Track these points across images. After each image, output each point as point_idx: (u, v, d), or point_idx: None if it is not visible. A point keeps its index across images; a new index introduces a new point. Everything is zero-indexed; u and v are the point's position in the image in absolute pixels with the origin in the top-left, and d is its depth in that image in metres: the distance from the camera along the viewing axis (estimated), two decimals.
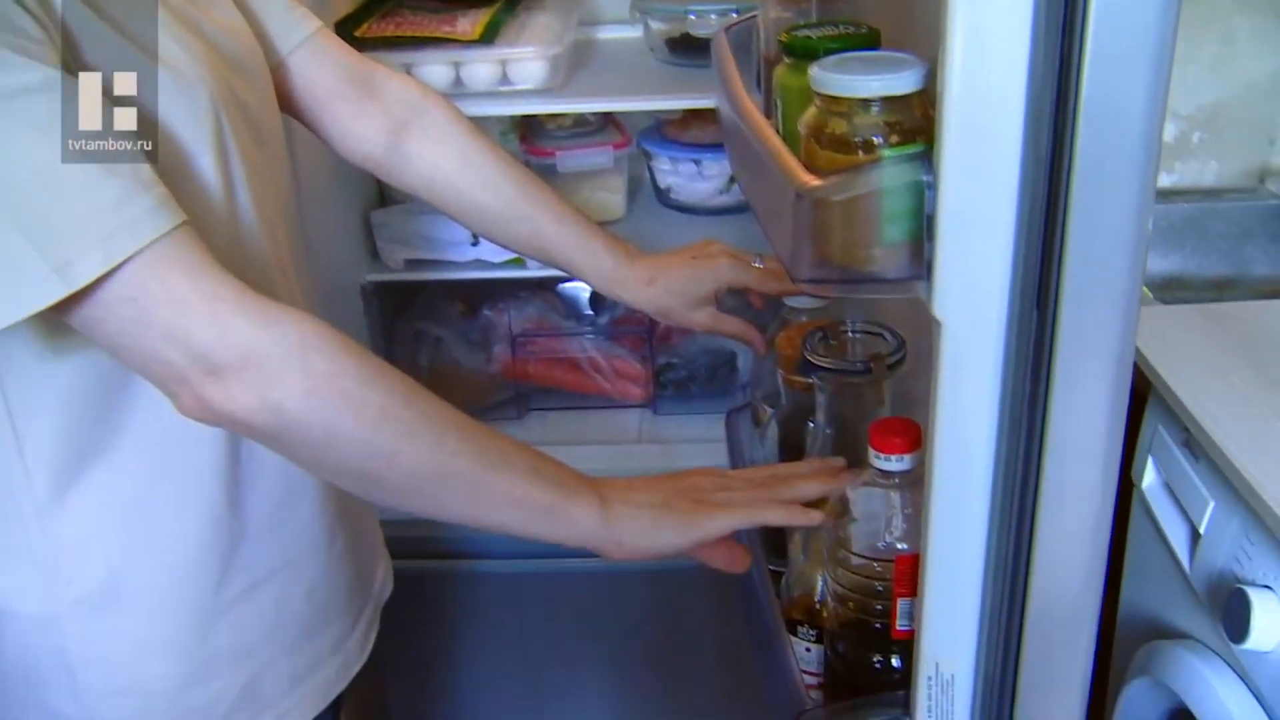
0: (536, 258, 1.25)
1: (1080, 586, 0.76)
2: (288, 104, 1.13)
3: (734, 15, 1.75)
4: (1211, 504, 1.16)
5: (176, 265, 0.78)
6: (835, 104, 0.71)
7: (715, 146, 1.89)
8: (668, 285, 1.22)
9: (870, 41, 0.79)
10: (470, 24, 1.72)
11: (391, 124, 1.18)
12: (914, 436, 0.84)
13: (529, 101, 1.74)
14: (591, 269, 1.22)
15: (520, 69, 1.70)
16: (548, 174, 1.95)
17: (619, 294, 1.23)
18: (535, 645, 1.93)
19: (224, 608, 1.00)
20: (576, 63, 1.84)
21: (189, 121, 0.88)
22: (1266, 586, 1.04)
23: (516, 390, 1.92)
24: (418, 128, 1.19)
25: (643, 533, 0.89)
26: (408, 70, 1.71)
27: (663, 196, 2.00)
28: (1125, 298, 0.67)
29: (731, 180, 1.92)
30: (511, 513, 0.87)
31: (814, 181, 0.70)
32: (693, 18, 1.79)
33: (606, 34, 2.01)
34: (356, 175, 1.88)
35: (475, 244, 1.80)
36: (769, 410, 1.15)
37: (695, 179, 1.93)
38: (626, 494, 0.90)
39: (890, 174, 0.68)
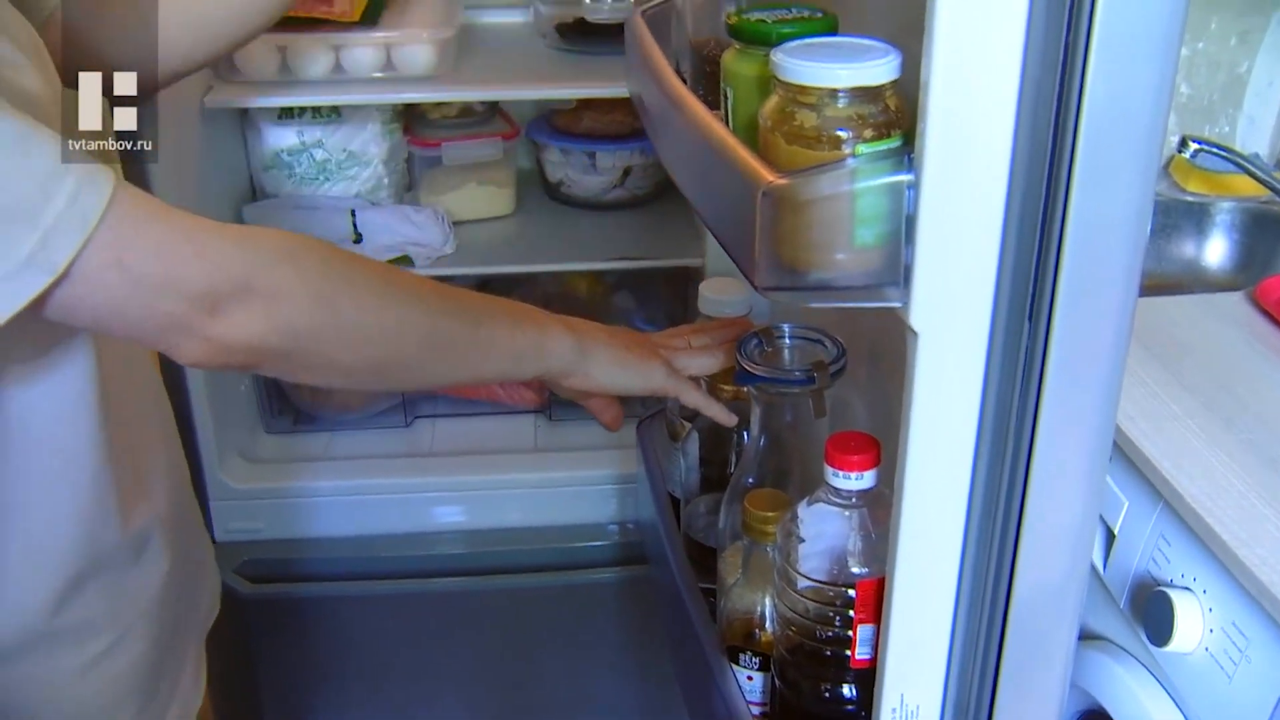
0: None
1: (1060, 611, 0.72)
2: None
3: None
4: (1126, 503, 1.14)
5: (142, 212, 0.72)
6: (802, 94, 0.65)
7: (609, 138, 1.83)
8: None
9: (828, 26, 0.73)
10: (349, 3, 1.61)
11: None
12: (874, 452, 0.78)
13: (415, 89, 1.66)
14: None
15: (406, 54, 1.61)
16: (433, 166, 1.87)
17: None
18: (402, 668, 1.83)
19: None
20: (463, 48, 1.75)
21: None
22: (1186, 588, 1.03)
23: (403, 396, 1.83)
24: None
25: (609, 366, 0.95)
26: (281, 52, 1.61)
27: (553, 190, 1.93)
28: (1122, 307, 0.62)
29: (625, 174, 1.86)
30: (503, 360, 0.91)
31: (779, 180, 0.63)
32: (587, 2, 1.72)
33: (491, 18, 1.93)
34: (225, 167, 1.76)
35: (358, 241, 1.71)
36: (687, 425, 1.08)
37: (588, 172, 1.87)
38: (597, 330, 0.97)
39: (865, 171, 0.63)
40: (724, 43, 0.82)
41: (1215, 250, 1.81)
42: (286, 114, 1.75)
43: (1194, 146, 1.58)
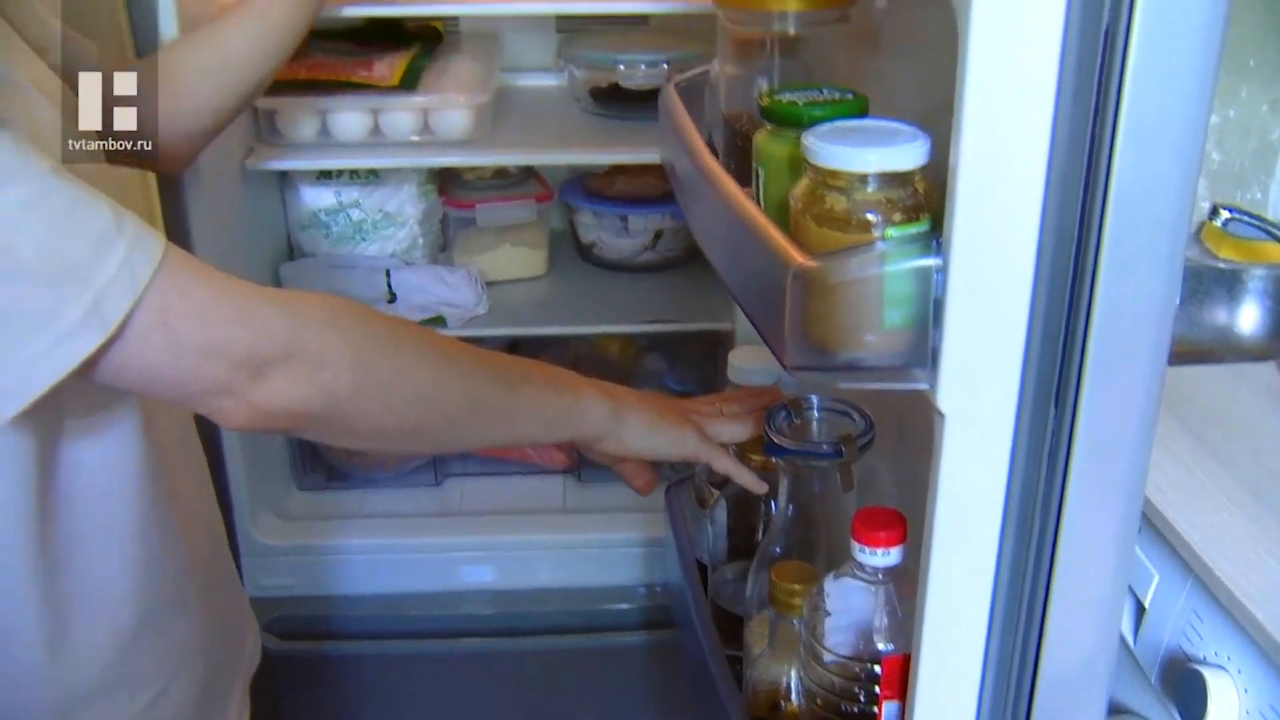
0: None
1: (1089, 688, 0.72)
2: None
3: (664, 66, 1.71)
4: (1157, 576, 1.13)
5: (188, 274, 0.75)
6: (832, 178, 0.66)
7: (641, 201, 1.85)
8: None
9: (859, 109, 0.75)
10: (388, 68, 1.64)
11: None
12: (901, 529, 0.78)
13: (451, 153, 1.68)
14: None
15: (443, 118, 1.63)
16: (467, 226, 1.89)
17: None
18: None
19: None
20: (498, 111, 1.78)
21: None
22: (1220, 666, 1.01)
23: (434, 455, 1.83)
24: None
25: (643, 432, 0.97)
26: (321, 116, 1.64)
27: (585, 252, 1.94)
28: (1148, 391, 0.63)
29: (657, 237, 1.87)
30: (537, 423, 0.93)
31: (810, 263, 0.64)
32: (621, 68, 1.74)
33: (526, 81, 1.96)
34: (264, 226, 1.79)
35: (392, 300, 1.72)
36: (715, 492, 1.09)
37: (621, 235, 1.88)
38: (630, 395, 0.98)
39: (894, 255, 0.63)
40: (756, 118, 0.84)
41: (1248, 318, 1.79)
42: (325, 175, 1.78)
43: (1225, 214, 1.58)
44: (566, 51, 1.81)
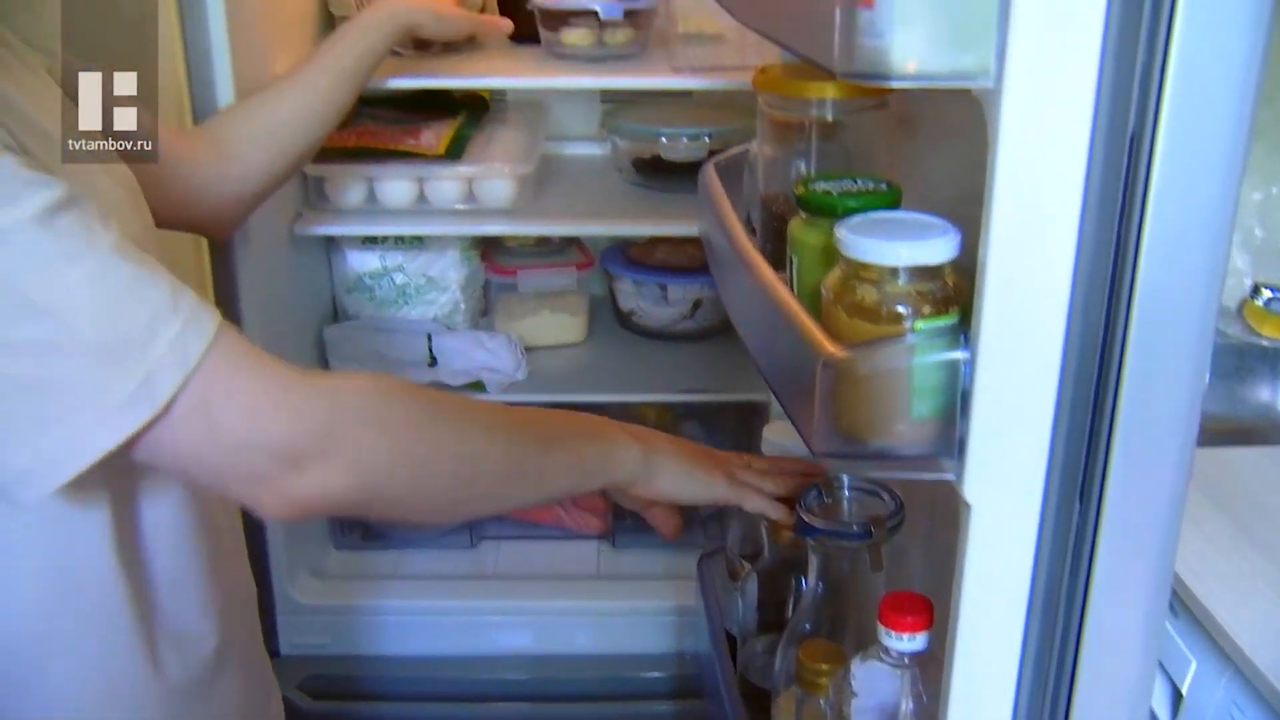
0: None
1: None
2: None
3: (705, 139, 1.74)
4: (1194, 663, 1.12)
5: (234, 360, 0.74)
6: (864, 270, 0.68)
7: (681, 271, 1.86)
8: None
9: (892, 200, 0.76)
10: (435, 137, 1.68)
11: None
12: (927, 615, 0.79)
13: (494, 221, 1.70)
14: None
15: (488, 188, 1.66)
16: (508, 291, 1.92)
17: None
18: None
19: None
20: (541, 180, 1.80)
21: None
22: None
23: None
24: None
25: (675, 477, 0.97)
26: (369, 183, 1.67)
27: (625, 319, 1.96)
28: (1174, 486, 0.63)
29: (696, 306, 1.89)
30: (573, 476, 0.93)
31: (840, 352, 0.66)
32: (664, 141, 1.77)
33: (571, 149, 1.99)
34: (310, 289, 1.82)
35: (433, 364, 1.75)
36: (746, 565, 1.09)
37: (659, 303, 1.90)
38: (662, 440, 0.99)
39: (923, 347, 0.65)
40: (793, 202, 0.85)
41: None
42: (370, 240, 1.81)
43: (1267, 294, 1.58)
44: (610, 123, 1.84)
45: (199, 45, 1.40)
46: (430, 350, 1.77)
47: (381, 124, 1.72)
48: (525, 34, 1.69)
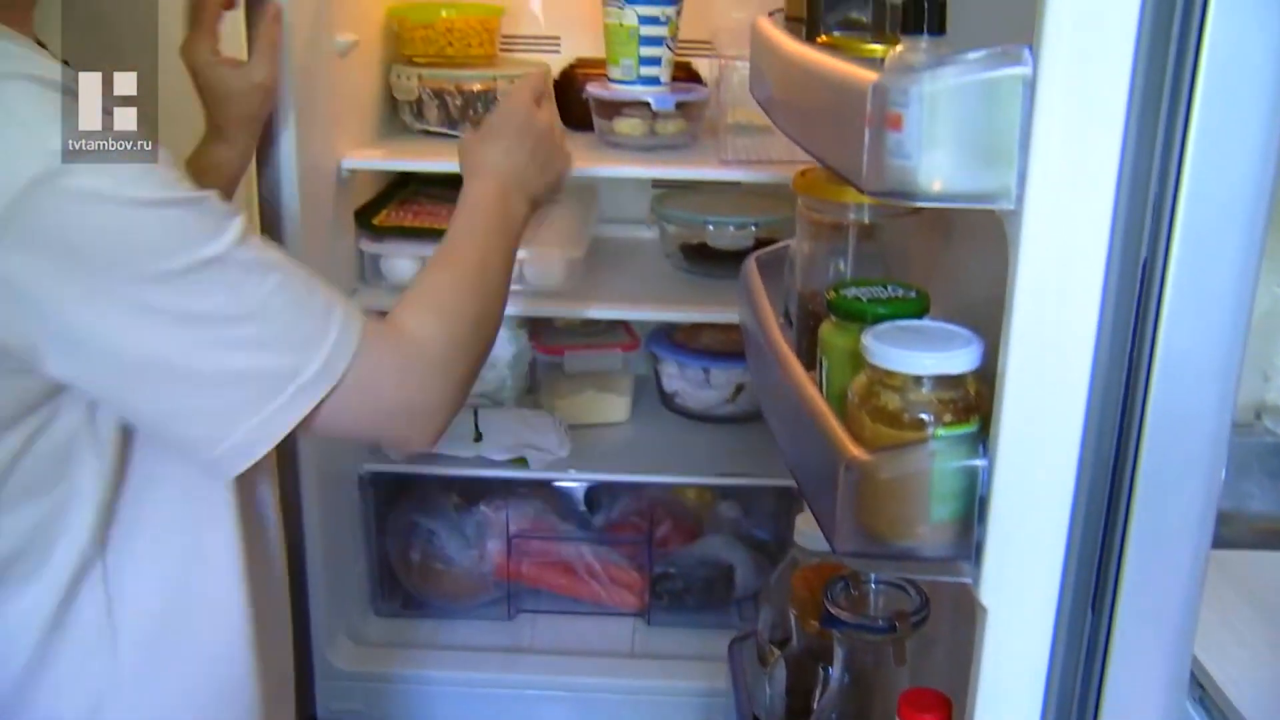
0: None
1: None
2: None
3: (752, 229, 1.78)
4: None
5: (376, 335, 0.89)
6: (889, 377, 0.70)
7: (725, 355, 1.89)
8: None
9: (920, 308, 0.79)
10: None
11: None
12: (946, 712, 0.80)
13: (544, 303, 1.74)
14: None
15: (538, 269, 1.70)
16: (554, 370, 1.95)
17: None
18: None
19: None
20: (591, 261, 1.84)
21: None
22: None
23: (508, 590, 1.88)
24: None
25: (539, 170, 1.19)
26: (422, 262, 1.72)
27: (668, 400, 1.99)
28: (1187, 597, 0.65)
29: (738, 390, 1.92)
30: (509, 254, 1.09)
31: (863, 456, 0.68)
32: (710, 228, 1.81)
33: (621, 232, 2.03)
34: None
35: (478, 439, 1.78)
36: (776, 651, 1.11)
37: (702, 387, 1.93)
38: (494, 159, 1.16)
39: (943, 454, 0.67)
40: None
41: None
42: None
43: None
44: (659, 209, 1.88)
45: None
46: (476, 425, 1.81)
47: (437, 203, 1.77)
48: (579, 122, 1.74)
